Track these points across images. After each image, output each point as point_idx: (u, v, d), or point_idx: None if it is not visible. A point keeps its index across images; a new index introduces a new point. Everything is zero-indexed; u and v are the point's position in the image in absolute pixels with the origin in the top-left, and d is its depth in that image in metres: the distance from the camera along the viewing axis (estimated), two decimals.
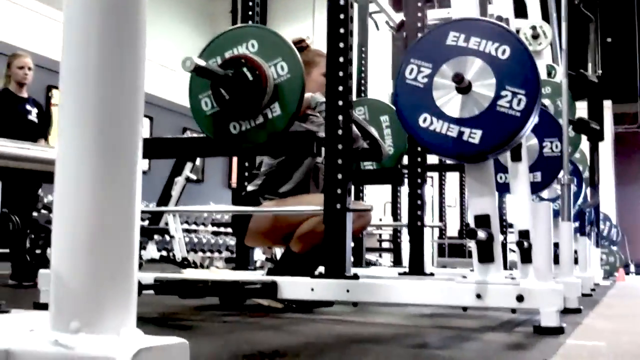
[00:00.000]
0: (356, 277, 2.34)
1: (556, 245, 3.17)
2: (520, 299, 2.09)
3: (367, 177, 4.13)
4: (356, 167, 4.00)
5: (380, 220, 9.60)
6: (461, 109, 2.15)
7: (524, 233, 2.60)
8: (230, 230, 10.14)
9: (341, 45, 2.46)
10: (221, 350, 1.75)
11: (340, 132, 2.42)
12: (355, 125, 3.12)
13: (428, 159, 3.50)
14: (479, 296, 2.13)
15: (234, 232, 3.21)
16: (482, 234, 2.15)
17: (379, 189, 6.44)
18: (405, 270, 3.56)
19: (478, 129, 2.13)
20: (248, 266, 3.30)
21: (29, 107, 4.97)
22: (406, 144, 3.61)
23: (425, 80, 2.20)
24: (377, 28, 5.33)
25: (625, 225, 16.39)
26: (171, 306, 2.93)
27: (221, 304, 3.00)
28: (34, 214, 6.01)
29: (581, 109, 5.11)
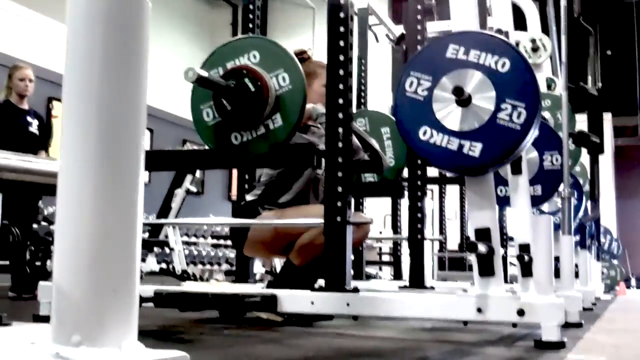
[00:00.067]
0: (356, 290, 2.34)
1: (557, 258, 3.17)
2: (521, 313, 2.08)
3: (367, 189, 4.13)
4: (357, 179, 4.00)
5: (380, 233, 9.57)
6: (461, 122, 2.15)
7: (525, 246, 2.60)
8: (230, 242, 10.13)
9: (341, 57, 2.46)
10: None
11: (340, 144, 2.42)
12: (356, 137, 3.12)
13: (428, 172, 3.51)
14: (479, 310, 2.13)
15: (232, 241, 3.21)
16: (482, 248, 2.15)
17: (379, 202, 6.43)
18: (406, 283, 3.56)
19: (478, 142, 2.13)
20: (248, 279, 3.29)
21: (29, 119, 4.97)
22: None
23: (425, 92, 2.21)
24: (377, 40, 5.34)
25: (626, 238, 16.35)
26: (171, 319, 2.92)
27: (221, 317, 2.99)
28: (34, 226, 6.00)
29: (581, 121, 5.12)
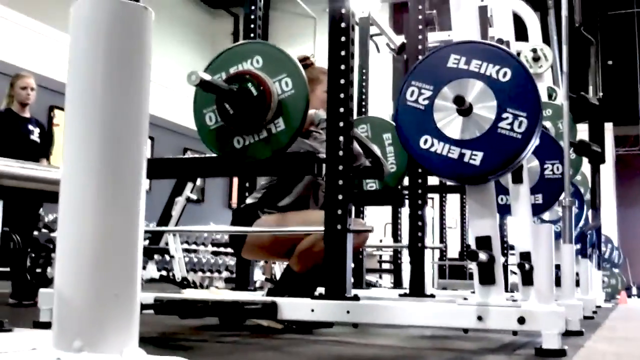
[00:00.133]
0: (356, 298, 2.34)
1: (557, 267, 3.16)
2: (521, 321, 2.08)
3: (368, 198, 4.13)
4: (358, 186, 4.00)
5: (381, 241, 9.57)
6: (462, 131, 2.16)
7: (525, 255, 2.60)
8: (230, 250, 10.12)
9: (342, 67, 2.47)
10: None
11: (341, 152, 2.42)
12: (358, 143, 3.13)
13: (429, 181, 3.51)
14: (480, 318, 2.12)
15: (231, 244, 3.20)
16: (483, 256, 2.15)
17: (379, 210, 6.43)
18: (406, 291, 3.56)
19: (479, 151, 2.13)
20: (248, 286, 3.29)
21: (31, 127, 4.98)
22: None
23: (426, 102, 2.21)
24: (378, 50, 5.36)
25: (627, 247, 16.32)
26: (171, 326, 2.91)
27: (221, 324, 2.99)
28: (34, 233, 6.00)
29: (582, 131, 5.12)
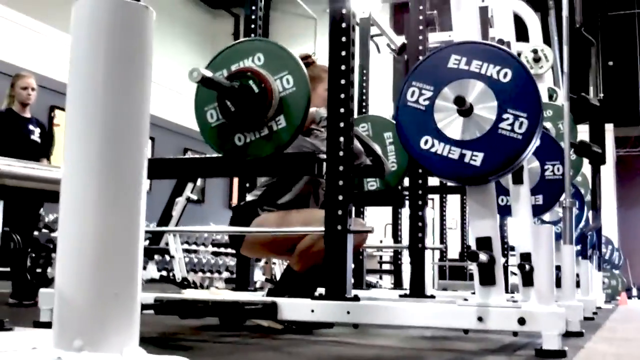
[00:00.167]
0: (357, 298, 2.34)
1: (558, 268, 3.16)
2: (521, 322, 2.08)
3: (368, 198, 4.13)
4: (359, 184, 3.99)
5: (381, 242, 9.57)
6: (463, 132, 2.16)
7: (526, 256, 2.60)
8: (230, 250, 10.12)
9: (343, 67, 2.47)
10: None
11: (341, 153, 2.42)
12: (359, 141, 3.13)
13: (429, 181, 3.51)
14: (480, 319, 2.12)
15: (230, 241, 3.19)
16: (483, 257, 2.15)
17: (380, 211, 6.43)
18: (406, 292, 3.56)
19: (480, 152, 2.13)
20: (248, 287, 3.29)
21: (31, 127, 4.98)
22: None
23: (427, 102, 2.21)
24: (379, 51, 5.36)
25: (627, 248, 16.32)
26: (171, 326, 2.92)
27: (221, 324, 2.99)
28: (35, 233, 6.00)
29: (583, 132, 5.12)
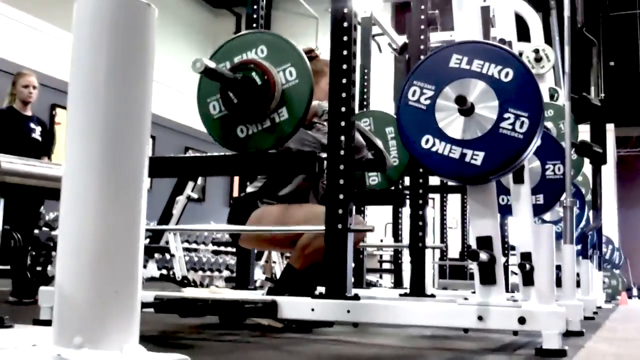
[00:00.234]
0: (357, 297, 2.34)
1: (558, 267, 3.16)
2: (522, 321, 2.08)
3: (369, 197, 4.13)
4: (360, 179, 3.98)
5: (382, 241, 9.57)
6: (464, 131, 2.16)
7: (526, 255, 2.60)
8: (230, 249, 10.11)
9: (344, 66, 2.47)
10: None
11: (342, 152, 2.42)
12: (361, 136, 3.14)
13: (430, 181, 3.50)
14: (480, 318, 2.12)
15: (230, 233, 3.16)
16: (484, 256, 2.15)
17: (380, 210, 6.43)
18: (406, 291, 3.56)
19: (480, 151, 2.13)
20: (248, 285, 3.29)
21: (33, 125, 4.99)
22: None
23: (428, 102, 2.21)
24: (380, 50, 5.36)
25: (628, 248, 16.32)
26: (171, 325, 2.92)
27: (221, 323, 2.99)
28: (35, 231, 6.00)
29: (584, 132, 5.11)
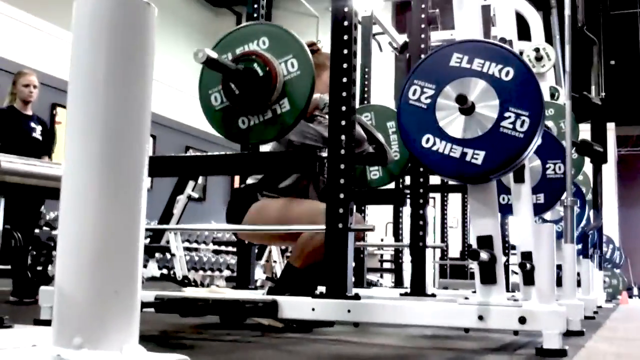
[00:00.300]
0: (357, 297, 2.33)
1: (559, 267, 3.16)
2: (522, 321, 2.08)
3: (369, 196, 4.12)
4: (361, 173, 3.97)
5: (382, 240, 9.58)
6: (464, 130, 2.15)
7: (527, 255, 2.60)
8: (231, 249, 10.12)
9: (345, 65, 2.47)
10: None
11: (342, 151, 2.42)
12: (362, 129, 3.13)
13: (430, 180, 3.50)
14: (481, 318, 2.12)
15: (227, 221, 3.14)
16: (484, 255, 2.15)
17: (381, 209, 6.43)
18: (407, 291, 3.56)
19: (481, 150, 2.13)
20: (249, 285, 3.29)
21: (33, 125, 4.98)
22: None
23: (429, 101, 2.21)
24: (381, 49, 5.36)
25: (629, 247, 16.32)
26: (171, 324, 2.92)
27: (221, 322, 2.99)
28: (35, 231, 6.00)
29: (584, 131, 5.11)
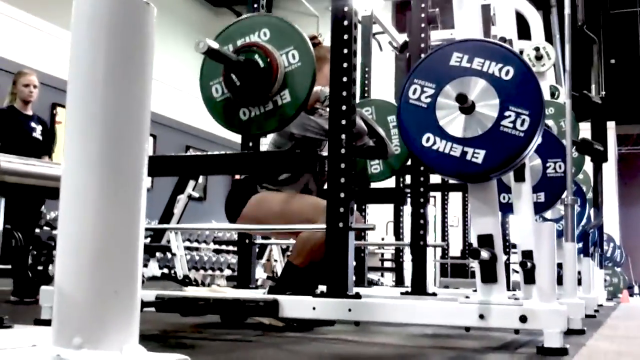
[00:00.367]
0: (358, 296, 2.33)
1: (559, 266, 3.16)
2: (523, 319, 2.08)
3: (370, 195, 4.12)
4: (362, 171, 3.97)
5: (383, 239, 9.57)
6: (464, 129, 2.15)
7: (528, 253, 2.60)
8: (232, 248, 10.12)
9: (345, 65, 2.47)
10: None
11: (343, 150, 2.42)
12: (363, 123, 3.13)
13: (431, 179, 3.50)
14: (481, 316, 2.12)
15: (227, 215, 3.13)
16: (485, 254, 2.15)
17: (381, 208, 6.43)
18: (408, 290, 3.56)
19: (481, 149, 2.13)
20: (249, 284, 3.29)
21: (33, 125, 4.98)
22: None
23: (429, 100, 2.21)
24: (381, 49, 5.35)
25: (629, 246, 16.31)
26: (172, 324, 2.92)
27: (222, 322, 2.99)
28: (36, 230, 6.01)
29: (585, 129, 5.11)
